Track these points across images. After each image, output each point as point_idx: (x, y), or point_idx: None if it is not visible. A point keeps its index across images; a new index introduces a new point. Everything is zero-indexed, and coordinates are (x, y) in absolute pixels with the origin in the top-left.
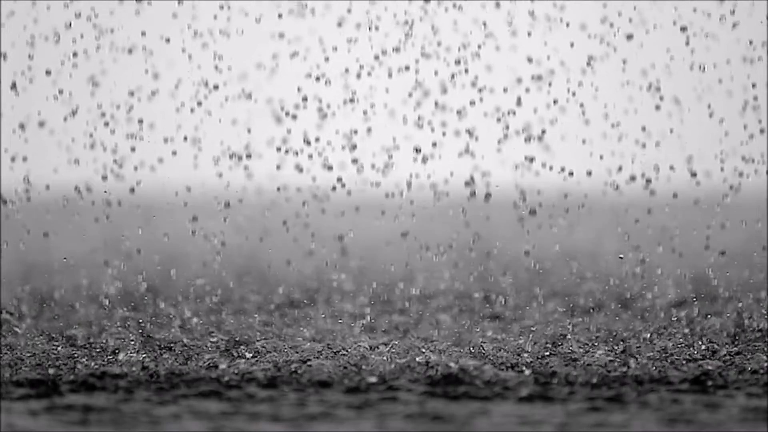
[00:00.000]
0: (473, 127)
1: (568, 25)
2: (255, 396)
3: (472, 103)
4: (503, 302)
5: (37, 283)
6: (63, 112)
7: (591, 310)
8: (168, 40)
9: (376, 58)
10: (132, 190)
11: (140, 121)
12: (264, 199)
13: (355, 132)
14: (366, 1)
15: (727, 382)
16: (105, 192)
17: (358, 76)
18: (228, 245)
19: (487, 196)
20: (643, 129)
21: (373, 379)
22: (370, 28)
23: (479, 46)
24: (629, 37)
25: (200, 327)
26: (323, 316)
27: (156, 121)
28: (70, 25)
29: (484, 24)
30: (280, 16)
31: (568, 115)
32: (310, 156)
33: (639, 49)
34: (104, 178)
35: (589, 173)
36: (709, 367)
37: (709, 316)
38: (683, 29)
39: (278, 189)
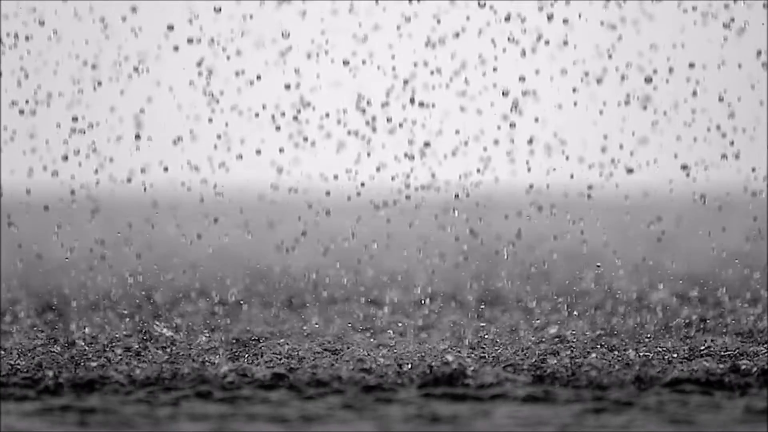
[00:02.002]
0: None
1: (567, 158)
2: (254, 397)
3: (471, 232)
4: (506, 304)
5: (36, 283)
6: (62, 247)
7: (592, 311)
8: (166, 169)
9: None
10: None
11: (138, 256)
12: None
13: (358, 261)
14: (364, 152)
15: (728, 383)
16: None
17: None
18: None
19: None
20: (644, 259)
21: (373, 381)
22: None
23: (478, 170)
24: (630, 170)
25: (199, 328)
26: (315, 323)
27: (154, 247)
28: (67, 158)
29: (484, 149)
30: (281, 150)
31: (568, 245)
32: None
33: (639, 179)
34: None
35: (594, 307)
36: (711, 368)
37: (708, 321)
38: (684, 167)
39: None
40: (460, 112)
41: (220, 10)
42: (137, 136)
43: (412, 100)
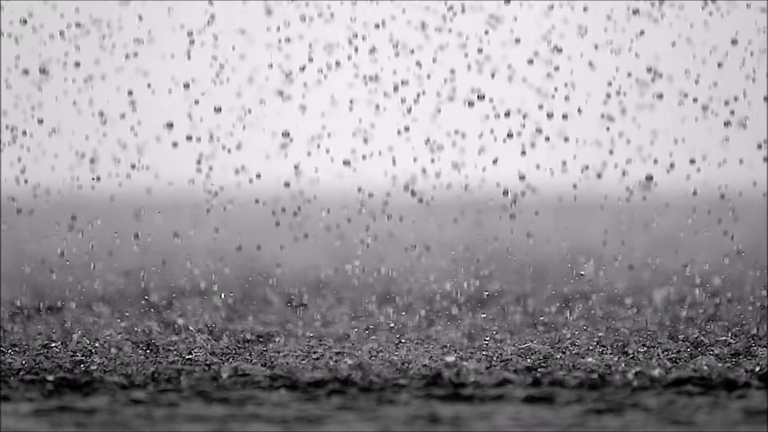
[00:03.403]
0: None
1: (568, 253)
2: (253, 398)
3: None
4: (506, 304)
5: (36, 283)
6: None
7: (590, 312)
8: (164, 262)
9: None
10: None
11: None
12: None
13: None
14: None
15: (728, 383)
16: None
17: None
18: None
19: None
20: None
21: (374, 381)
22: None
23: (478, 260)
24: (631, 267)
25: (197, 328)
26: (315, 322)
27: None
28: (63, 253)
29: (485, 241)
30: (281, 246)
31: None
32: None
33: (641, 276)
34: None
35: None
36: (711, 368)
37: (709, 322)
38: (685, 265)
39: None
40: (459, 206)
41: (220, 110)
42: (136, 236)
43: (413, 192)
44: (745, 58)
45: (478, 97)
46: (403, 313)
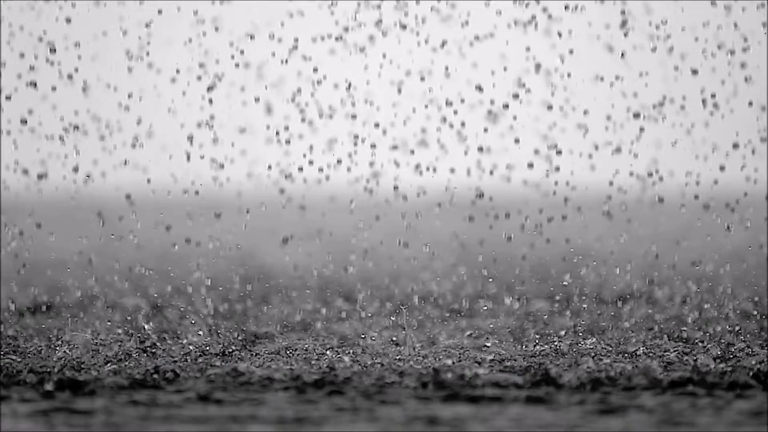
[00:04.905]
0: None
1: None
2: (251, 399)
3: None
4: (506, 306)
5: (36, 284)
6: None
7: (595, 314)
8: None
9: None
10: None
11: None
12: None
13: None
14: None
15: (728, 383)
16: None
17: None
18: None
19: None
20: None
21: (374, 382)
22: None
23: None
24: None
25: (194, 329)
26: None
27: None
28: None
29: (485, 338)
30: (285, 345)
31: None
32: None
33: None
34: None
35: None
36: (710, 369)
37: (708, 323)
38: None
39: None
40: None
41: (220, 215)
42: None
43: (413, 290)
44: (746, 156)
45: (477, 195)
46: (404, 312)
